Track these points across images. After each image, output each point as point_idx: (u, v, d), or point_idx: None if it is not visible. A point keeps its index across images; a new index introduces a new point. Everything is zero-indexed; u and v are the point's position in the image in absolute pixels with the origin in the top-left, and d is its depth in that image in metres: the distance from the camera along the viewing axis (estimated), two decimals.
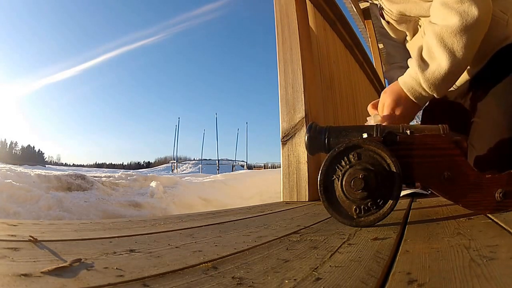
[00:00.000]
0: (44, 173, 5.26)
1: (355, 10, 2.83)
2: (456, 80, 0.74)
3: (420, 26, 0.89)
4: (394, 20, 0.91)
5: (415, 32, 0.93)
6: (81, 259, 0.28)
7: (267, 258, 0.32)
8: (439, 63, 0.68)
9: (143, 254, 0.32)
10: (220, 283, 0.24)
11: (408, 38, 0.98)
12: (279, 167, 1.15)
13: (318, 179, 0.49)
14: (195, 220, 0.60)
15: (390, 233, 0.42)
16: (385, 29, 1.03)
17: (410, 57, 0.77)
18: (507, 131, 0.75)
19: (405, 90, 0.72)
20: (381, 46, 1.04)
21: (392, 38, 1.03)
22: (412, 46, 0.97)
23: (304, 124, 1.06)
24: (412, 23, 0.90)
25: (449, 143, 0.49)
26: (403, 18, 0.89)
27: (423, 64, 0.70)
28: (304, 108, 1.08)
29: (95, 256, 0.30)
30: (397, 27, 0.94)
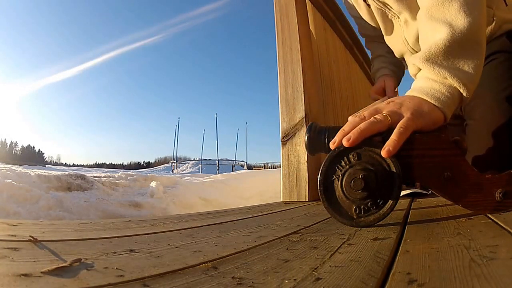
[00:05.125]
0: (44, 173, 5.26)
1: None
2: (476, 58, 0.55)
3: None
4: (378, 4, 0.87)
5: (391, 29, 0.90)
6: (81, 259, 0.28)
7: (267, 258, 0.32)
8: (440, 37, 0.55)
9: (143, 254, 0.32)
10: (220, 283, 0.24)
11: (384, 32, 0.94)
12: (279, 167, 1.15)
13: (318, 179, 0.49)
14: (195, 220, 0.60)
15: (390, 233, 0.42)
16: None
17: None
18: (503, 119, 0.74)
19: (424, 97, 0.53)
20: None
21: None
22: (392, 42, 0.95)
23: (304, 124, 1.06)
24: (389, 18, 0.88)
25: (449, 143, 0.49)
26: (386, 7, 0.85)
27: (428, 50, 0.56)
28: (304, 108, 1.07)
29: (95, 256, 0.30)
30: (376, 15, 0.91)
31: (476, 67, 0.55)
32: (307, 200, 1.02)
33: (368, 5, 0.91)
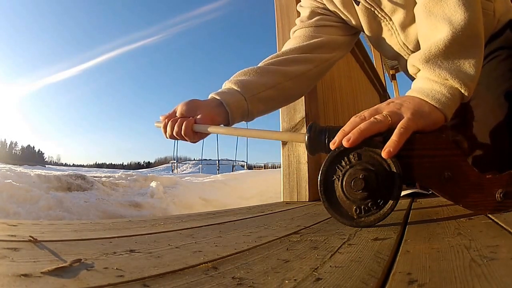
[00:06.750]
0: (44, 173, 5.27)
1: None
2: (476, 55, 0.54)
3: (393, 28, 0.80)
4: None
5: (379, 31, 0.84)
6: (81, 259, 0.28)
7: (267, 258, 0.32)
8: (439, 37, 0.54)
9: (143, 254, 0.32)
10: (220, 283, 0.24)
11: (368, 35, 0.86)
12: (279, 167, 1.15)
13: (318, 179, 0.49)
14: (195, 220, 0.60)
15: (391, 233, 0.42)
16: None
17: None
18: (503, 117, 0.73)
19: (425, 98, 0.52)
20: None
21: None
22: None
23: (304, 124, 1.07)
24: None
25: (449, 143, 0.49)
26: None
27: (428, 51, 0.55)
28: (304, 108, 1.08)
29: (95, 256, 0.30)
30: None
31: (476, 64, 0.54)
32: (307, 200, 1.02)
33: (357, 2, 0.82)
